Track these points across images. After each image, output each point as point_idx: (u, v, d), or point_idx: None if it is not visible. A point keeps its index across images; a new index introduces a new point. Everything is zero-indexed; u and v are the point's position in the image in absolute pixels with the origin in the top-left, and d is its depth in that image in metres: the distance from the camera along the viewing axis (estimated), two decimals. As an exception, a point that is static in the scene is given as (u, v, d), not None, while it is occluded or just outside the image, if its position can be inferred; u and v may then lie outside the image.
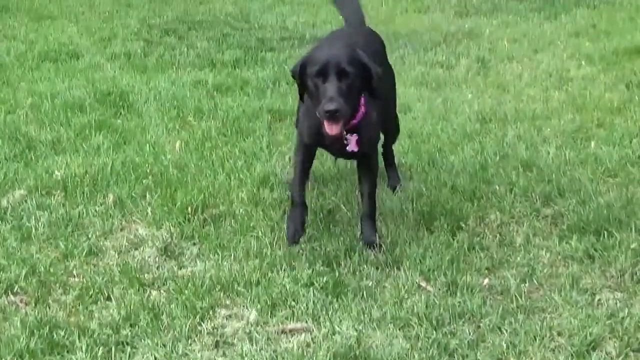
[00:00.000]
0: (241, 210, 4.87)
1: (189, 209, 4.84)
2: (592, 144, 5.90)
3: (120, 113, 6.56)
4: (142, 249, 4.51)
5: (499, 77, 7.68)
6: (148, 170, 5.38)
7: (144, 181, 5.24)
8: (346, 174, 5.36)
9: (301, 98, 4.40)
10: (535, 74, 7.81)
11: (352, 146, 4.35)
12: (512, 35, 9.41)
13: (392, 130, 5.24)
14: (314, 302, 3.96)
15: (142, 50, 8.51)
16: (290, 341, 3.70)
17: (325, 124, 4.10)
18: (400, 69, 7.60)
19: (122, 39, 9.04)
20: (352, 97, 4.15)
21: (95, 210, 4.90)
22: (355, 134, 4.32)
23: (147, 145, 5.83)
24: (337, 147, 4.43)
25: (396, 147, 5.45)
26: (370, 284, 4.14)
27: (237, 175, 5.32)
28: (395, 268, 4.29)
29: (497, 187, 5.16)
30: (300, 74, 4.24)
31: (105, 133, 6.05)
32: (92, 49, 8.55)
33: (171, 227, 4.68)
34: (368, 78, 4.20)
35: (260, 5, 11.16)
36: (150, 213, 4.85)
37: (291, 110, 6.56)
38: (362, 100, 4.31)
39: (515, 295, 4.04)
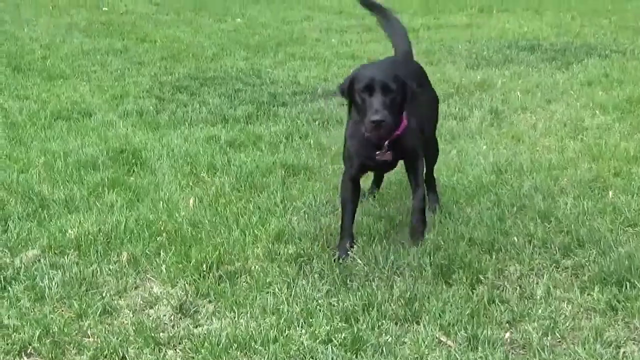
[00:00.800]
0: (257, 267, 4.84)
1: (204, 266, 4.80)
2: (610, 193, 5.86)
3: (133, 170, 6.56)
4: (157, 307, 4.47)
5: (513, 128, 7.67)
6: (162, 228, 5.35)
7: (158, 238, 5.21)
8: (362, 229, 5.32)
9: (349, 113, 5.00)
10: (550, 124, 7.80)
11: (386, 156, 4.90)
12: (525, 86, 9.42)
13: (432, 152, 5.73)
14: (332, 358, 3.91)
15: (154, 108, 8.53)
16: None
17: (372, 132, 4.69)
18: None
19: (134, 96, 9.07)
20: (394, 110, 4.70)
21: (109, 269, 4.86)
22: (389, 151, 4.88)
23: (161, 202, 5.81)
24: (379, 161, 4.95)
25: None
26: (389, 340, 4.08)
27: (251, 231, 5.29)
28: (414, 323, 4.24)
29: (516, 239, 5.11)
30: (349, 90, 4.79)
31: (118, 191, 6.04)
32: (104, 107, 8.58)
33: (186, 285, 4.64)
34: (407, 94, 4.77)
35: (271, 61, 11.22)
36: (164, 271, 4.81)
37: (304, 165, 6.56)
38: (405, 115, 4.86)
39: (538, 349, 3.97)
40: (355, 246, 5.03)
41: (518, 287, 4.58)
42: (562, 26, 14.24)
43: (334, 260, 4.87)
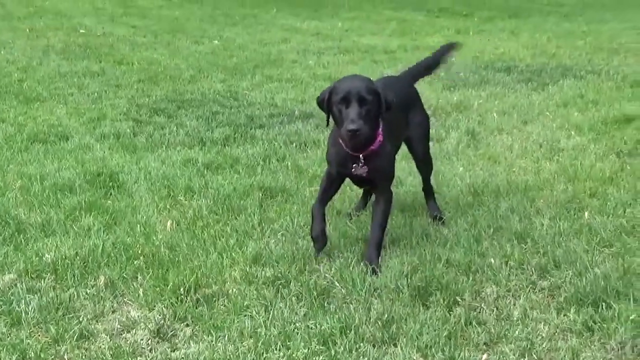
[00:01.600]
0: (234, 290, 4.84)
1: (182, 289, 4.80)
2: (586, 214, 5.91)
3: (111, 194, 6.54)
4: (134, 331, 4.45)
5: (489, 149, 7.72)
6: (139, 251, 5.34)
7: (135, 262, 5.20)
8: (339, 251, 5.33)
9: (327, 123, 5.22)
10: (526, 145, 7.85)
11: (362, 170, 5.13)
12: (501, 107, 9.49)
13: (425, 167, 6.03)
14: (310, 382, 3.91)
15: (132, 130, 8.52)
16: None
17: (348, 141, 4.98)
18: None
19: (111, 119, 9.06)
20: (370, 121, 4.93)
21: (86, 293, 4.84)
22: (365, 166, 5.11)
23: (138, 225, 5.80)
24: (355, 174, 5.18)
25: (391, 220, 5.49)
26: (367, 362, 4.09)
27: (229, 254, 5.29)
28: (392, 345, 4.25)
29: (492, 260, 5.14)
30: (327, 102, 5.02)
31: (95, 214, 6.03)
32: (81, 130, 8.56)
33: (164, 309, 4.64)
34: (381, 105, 4.99)
35: (248, 83, 11.24)
36: (142, 294, 4.80)
37: (282, 187, 6.57)
38: (381, 132, 5.09)
39: (515, 371, 3.99)
40: (332, 269, 5.05)
41: (495, 309, 4.60)
42: (538, 47, 14.37)
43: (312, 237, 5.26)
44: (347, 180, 5.48)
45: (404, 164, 7.12)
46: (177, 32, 16.69)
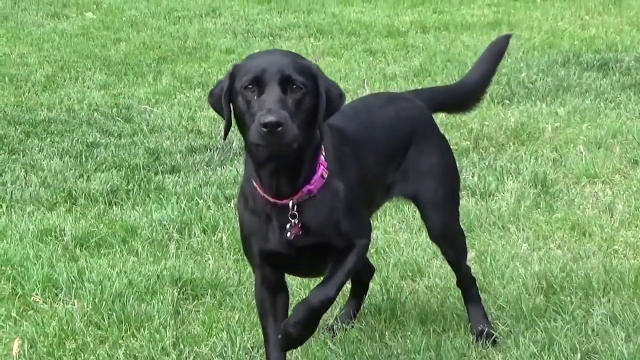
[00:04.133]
0: None
1: None
2: None
3: None
4: None
5: (573, 212, 7.76)
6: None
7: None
8: None
9: (225, 136, 5.16)
10: (637, 203, 7.90)
11: (295, 231, 5.04)
12: (593, 134, 9.48)
13: (451, 248, 6.03)
14: None
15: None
16: None
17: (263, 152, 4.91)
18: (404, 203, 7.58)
19: None
20: (301, 118, 4.89)
21: None
22: (297, 220, 5.04)
23: (-38, 351, 5.86)
24: (285, 245, 5.09)
25: (403, 341, 5.53)
26: None
27: (124, 399, 5.38)
28: None
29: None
30: (227, 95, 4.99)
31: None
32: None
33: None
34: (320, 97, 4.99)
35: (149, 90, 11.21)
36: None
37: (213, 280, 6.56)
38: (323, 161, 5.11)
39: None
40: None
41: None
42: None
43: None
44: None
45: (424, 238, 7.14)
46: (20, -4, 16.71)
